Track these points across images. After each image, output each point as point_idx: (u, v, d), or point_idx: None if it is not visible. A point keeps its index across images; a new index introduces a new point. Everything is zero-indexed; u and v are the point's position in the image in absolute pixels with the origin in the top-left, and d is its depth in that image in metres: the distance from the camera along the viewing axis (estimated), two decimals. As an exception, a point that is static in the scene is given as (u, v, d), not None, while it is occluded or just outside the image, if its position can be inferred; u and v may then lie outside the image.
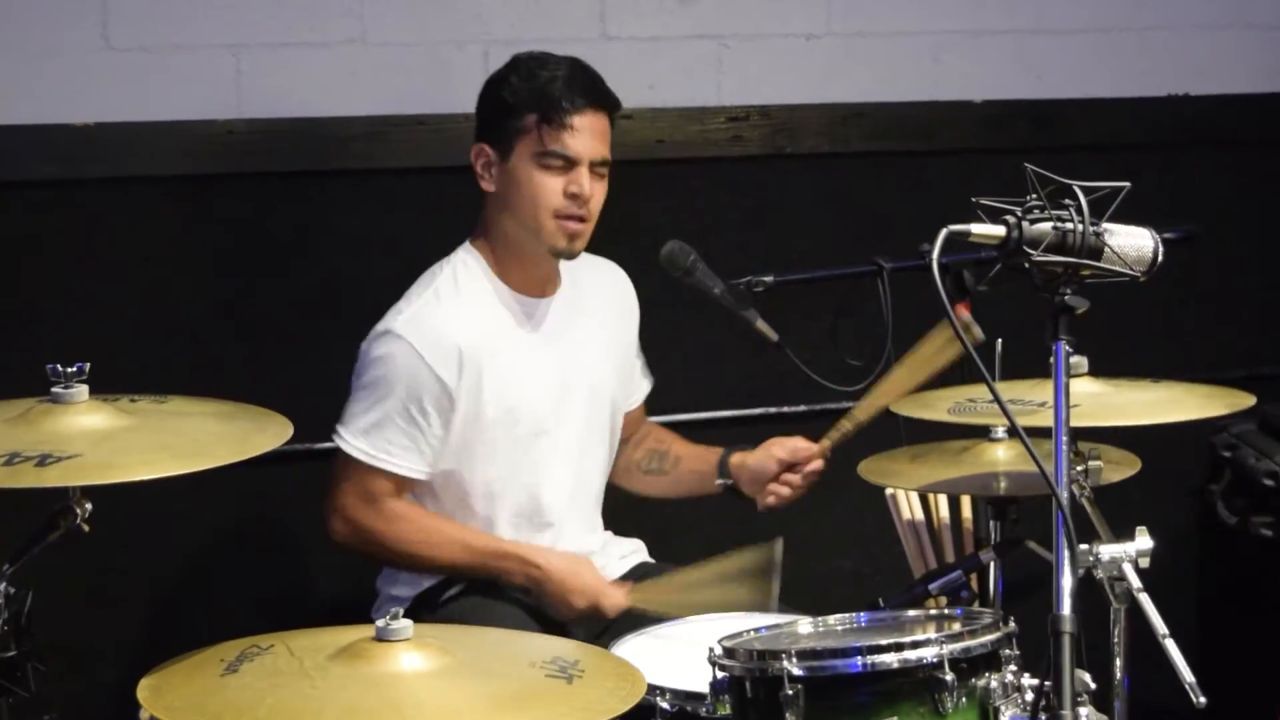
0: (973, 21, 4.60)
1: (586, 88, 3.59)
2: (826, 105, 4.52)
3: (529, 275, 3.69)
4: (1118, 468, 3.46)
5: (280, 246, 4.18)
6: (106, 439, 2.75)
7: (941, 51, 4.58)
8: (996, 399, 2.54)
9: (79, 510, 2.75)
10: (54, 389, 2.80)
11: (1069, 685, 2.46)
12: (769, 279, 3.83)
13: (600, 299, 3.83)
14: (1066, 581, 2.50)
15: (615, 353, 3.85)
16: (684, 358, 4.28)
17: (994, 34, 4.60)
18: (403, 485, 3.61)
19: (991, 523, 3.51)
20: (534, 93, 3.56)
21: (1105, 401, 3.19)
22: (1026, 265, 2.65)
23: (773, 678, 2.81)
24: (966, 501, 3.89)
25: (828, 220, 4.48)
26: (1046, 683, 2.51)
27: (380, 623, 2.66)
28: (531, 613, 3.61)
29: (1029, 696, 2.81)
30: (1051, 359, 2.71)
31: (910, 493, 3.89)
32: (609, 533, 3.88)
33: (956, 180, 4.22)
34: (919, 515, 3.95)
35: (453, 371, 3.55)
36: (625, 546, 3.87)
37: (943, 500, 3.91)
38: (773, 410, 4.33)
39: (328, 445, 4.04)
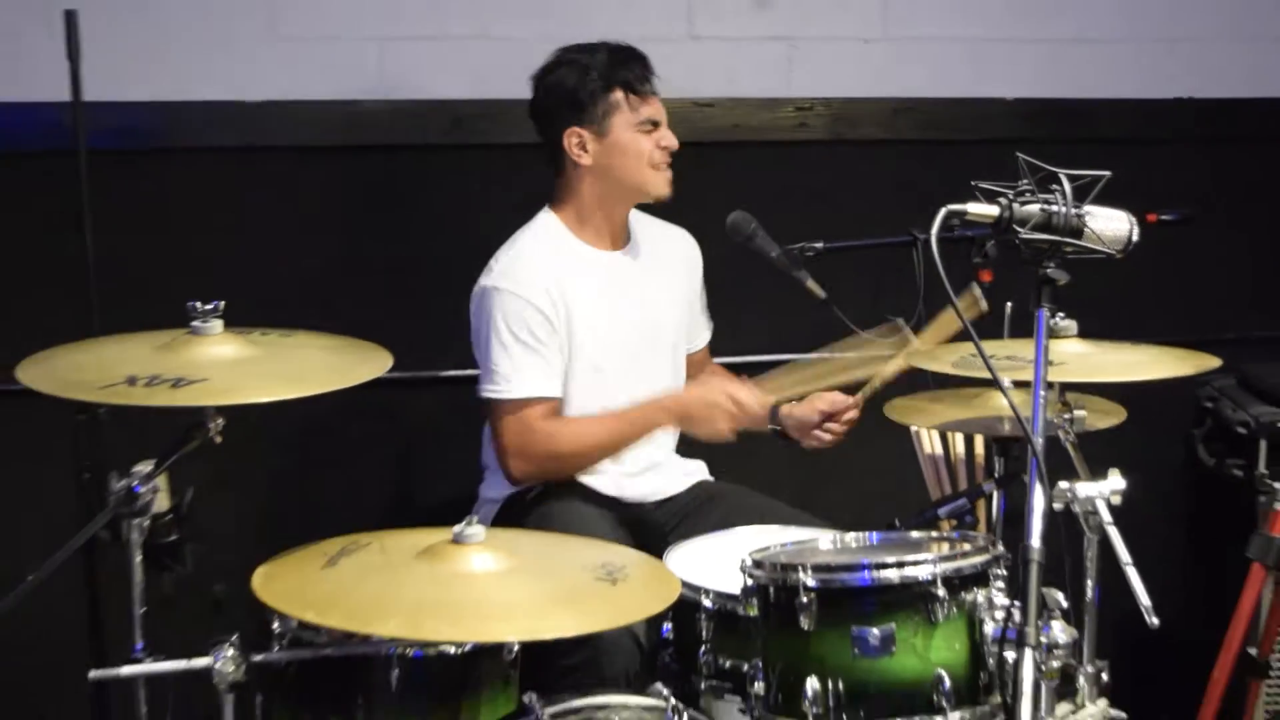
0: (1009, 30, 4.46)
1: (646, 64, 3.61)
2: (881, 99, 4.41)
3: (602, 232, 3.66)
4: (1105, 416, 3.35)
5: (408, 207, 4.12)
6: (234, 366, 2.74)
7: (981, 55, 4.45)
8: (982, 356, 2.45)
9: (212, 426, 2.72)
10: (193, 322, 2.78)
11: (1034, 606, 2.38)
12: (819, 245, 3.73)
13: (666, 255, 3.78)
14: (1037, 516, 2.42)
15: (678, 299, 3.79)
16: (752, 310, 4.20)
17: (1026, 41, 4.47)
18: (548, 409, 3.52)
19: (997, 459, 3.40)
20: (614, 75, 3.55)
21: (1090, 361, 3.08)
22: (1016, 241, 2.56)
23: (790, 587, 2.76)
24: (981, 439, 3.78)
25: (879, 197, 4.37)
26: (1017, 602, 2.43)
27: (457, 528, 2.61)
28: (595, 513, 3.53)
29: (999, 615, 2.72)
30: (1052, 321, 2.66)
31: (931, 430, 3.78)
32: (675, 455, 3.80)
33: (991, 166, 4.11)
34: (938, 449, 3.85)
35: (548, 302, 3.51)
36: (688, 466, 3.80)
37: (960, 437, 3.81)
38: (827, 356, 4.22)
39: (451, 373, 4.05)
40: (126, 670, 2.61)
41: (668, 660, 3.12)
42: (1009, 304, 3.46)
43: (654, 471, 3.68)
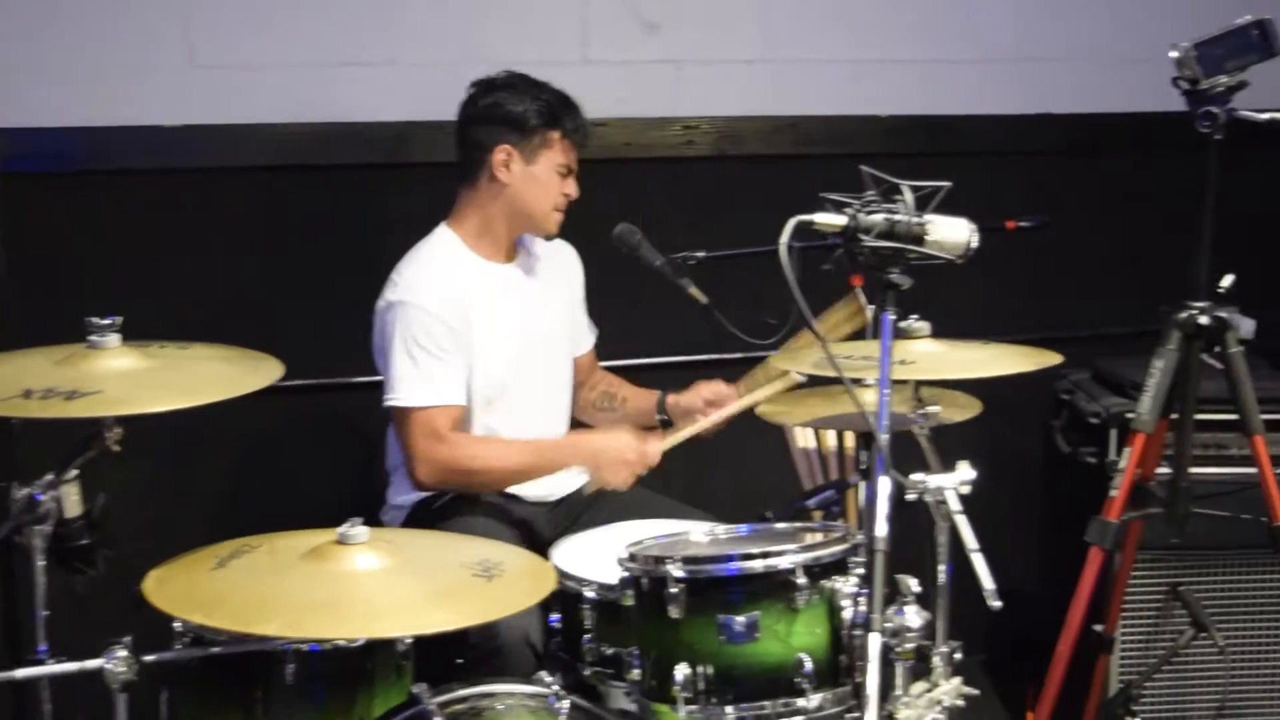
0: (881, 52, 4.37)
1: (584, 119, 3.53)
2: (763, 117, 4.31)
3: (497, 247, 3.54)
4: (962, 410, 3.26)
5: (323, 223, 3.99)
6: (128, 378, 2.59)
7: (856, 75, 4.36)
8: (829, 358, 2.35)
9: (108, 435, 2.58)
10: (90, 336, 2.64)
11: (879, 592, 2.29)
12: (700, 254, 3.61)
13: (550, 266, 3.67)
14: (881, 507, 2.33)
15: (564, 308, 3.69)
16: (640, 316, 4.10)
17: (897, 62, 4.38)
18: (454, 415, 3.37)
19: (862, 452, 3.30)
20: (559, 118, 3.46)
21: (940, 359, 2.99)
22: (862, 249, 2.46)
23: (660, 578, 2.66)
24: (850, 434, 3.69)
25: (761, 209, 4.21)
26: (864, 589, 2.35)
27: (341, 529, 2.49)
28: (498, 517, 3.42)
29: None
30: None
31: (806, 427, 3.69)
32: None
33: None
34: (811, 444, 3.76)
35: (452, 314, 3.38)
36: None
37: (831, 432, 3.71)
38: (712, 357, 4.12)
39: (361, 379, 3.91)
40: (20, 673, 2.47)
41: (555, 649, 3.01)
42: (872, 307, 3.36)
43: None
